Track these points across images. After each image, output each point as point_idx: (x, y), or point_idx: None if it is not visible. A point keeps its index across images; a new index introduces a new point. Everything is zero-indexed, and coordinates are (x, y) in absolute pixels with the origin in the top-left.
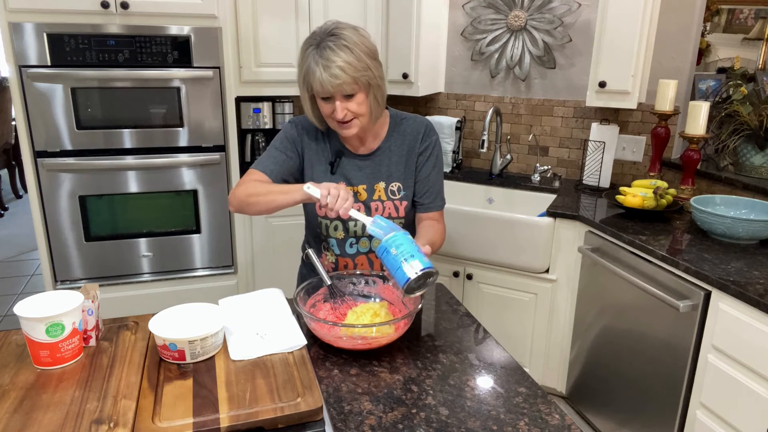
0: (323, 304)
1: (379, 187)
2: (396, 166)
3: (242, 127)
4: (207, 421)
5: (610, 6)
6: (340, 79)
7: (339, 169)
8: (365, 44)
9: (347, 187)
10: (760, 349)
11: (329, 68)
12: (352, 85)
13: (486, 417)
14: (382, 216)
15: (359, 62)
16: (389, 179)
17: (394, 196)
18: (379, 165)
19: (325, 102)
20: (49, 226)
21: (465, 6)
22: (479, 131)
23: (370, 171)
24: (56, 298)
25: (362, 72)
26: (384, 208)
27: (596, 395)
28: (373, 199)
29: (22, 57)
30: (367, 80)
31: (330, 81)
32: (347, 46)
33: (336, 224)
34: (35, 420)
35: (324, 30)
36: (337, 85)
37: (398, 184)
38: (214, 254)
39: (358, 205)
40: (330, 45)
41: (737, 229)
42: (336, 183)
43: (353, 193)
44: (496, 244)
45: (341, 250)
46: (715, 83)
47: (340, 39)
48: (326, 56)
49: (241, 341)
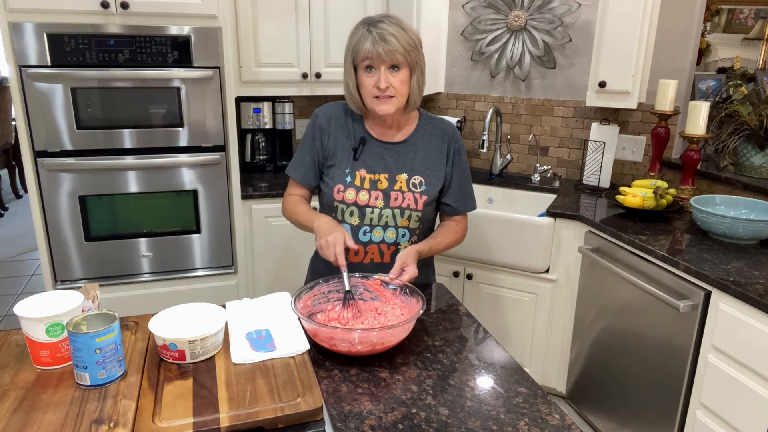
0: (328, 306)
1: (401, 178)
2: (421, 161)
3: (242, 127)
4: (207, 421)
5: (610, 6)
6: (392, 45)
7: (362, 155)
8: (415, 31)
9: (368, 175)
10: (760, 349)
11: (383, 36)
12: (401, 55)
13: (486, 417)
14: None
15: (408, 37)
16: (412, 172)
17: (416, 189)
18: (404, 156)
19: (368, 73)
20: (49, 226)
21: (465, 6)
22: (479, 131)
23: (393, 161)
24: (56, 298)
25: (412, 48)
26: (404, 198)
27: (596, 395)
28: (393, 188)
29: (22, 57)
30: (415, 58)
31: (382, 45)
32: (398, 24)
33: (352, 209)
34: (35, 420)
35: (377, 15)
36: (388, 51)
37: (420, 179)
38: (214, 254)
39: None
40: (384, 21)
41: (737, 229)
42: (334, 229)
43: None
44: (496, 244)
45: (354, 237)
46: (715, 83)
47: (392, 19)
48: (380, 27)
49: (243, 345)
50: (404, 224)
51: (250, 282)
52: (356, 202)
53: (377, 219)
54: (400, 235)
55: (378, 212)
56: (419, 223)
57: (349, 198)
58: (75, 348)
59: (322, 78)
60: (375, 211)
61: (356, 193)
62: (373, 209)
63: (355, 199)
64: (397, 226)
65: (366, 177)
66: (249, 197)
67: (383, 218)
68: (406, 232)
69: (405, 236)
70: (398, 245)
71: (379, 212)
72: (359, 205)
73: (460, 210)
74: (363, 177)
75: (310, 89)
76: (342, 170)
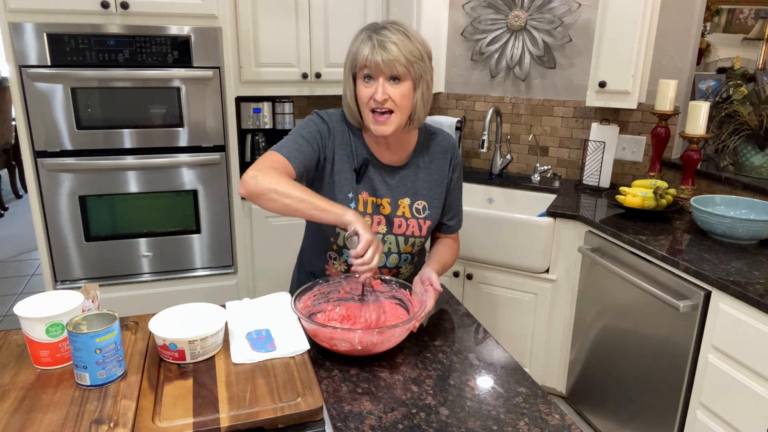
0: (329, 306)
1: (403, 203)
2: (422, 183)
3: (242, 127)
4: (207, 421)
5: (610, 6)
6: (392, 54)
7: (364, 178)
8: (423, 41)
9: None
10: (760, 349)
11: (383, 43)
12: (402, 66)
13: (486, 417)
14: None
15: (413, 47)
16: (415, 196)
17: (419, 215)
18: (406, 180)
19: (366, 83)
20: (49, 226)
21: (465, 6)
22: (479, 131)
23: (395, 185)
24: (56, 298)
25: (416, 59)
26: (408, 225)
27: (596, 395)
28: (396, 214)
29: (22, 57)
30: (419, 71)
31: (381, 54)
32: (405, 33)
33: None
34: (35, 420)
35: (383, 21)
36: (388, 60)
37: (424, 203)
38: (214, 254)
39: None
40: (388, 27)
41: (737, 229)
42: (367, 227)
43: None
44: (496, 244)
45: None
46: (715, 83)
47: (398, 26)
48: (382, 34)
49: (243, 345)
50: (407, 250)
51: (250, 282)
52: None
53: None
54: (402, 260)
55: (380, 238)
56: (421, 246)
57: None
58: (75, 348)
59: (322, 78)
60: (378, 237)
61: None
62: (376, 235)
63: None
64: (400, 252)
65: (369, 200)
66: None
67: (386, 244)
68: (408, 257)
69: (407, 260)
70: (399, 269)
71: (382, 238)
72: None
73: (456, 229)
74: (366, 200)
75: (310, 89)
76: (344, 194)
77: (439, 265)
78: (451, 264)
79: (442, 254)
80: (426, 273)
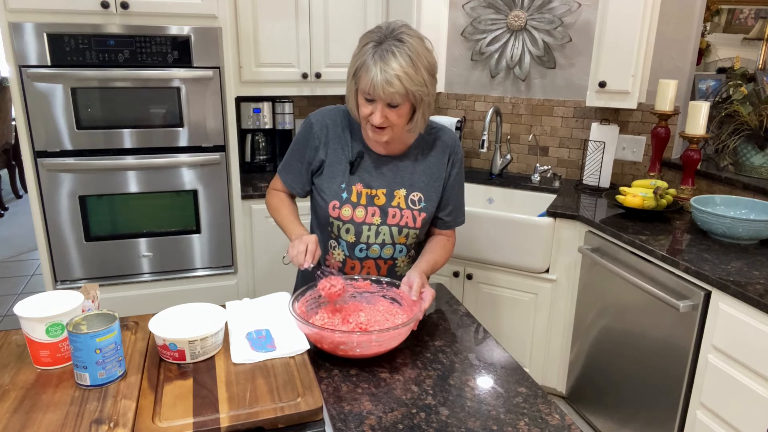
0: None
1: (399, 194)
2: (420, 176)
3: (242, 127)
4: (207, 421)
5: (610, 6)
6: (395, 88)
7: (359, 170)
8: (428, 59)
9: (366, 189)
10: (760, 349)
11: (386, 72)
12: (403, 96)
13: (486, 417)
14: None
15: (417, 76)
16: (411, 188)
17: (414, 206)
18: (402, 171)
19: (367, 102)
20: (49, 226)
21: (465, 6)
22: (479, 131)
23: (391, 175)
24: (56, 298)
25: (418, 87)
26: (402, 216)
27: (596, 395)
28: (391, 205)
29: (22, 57)
30: (420, 96)
31: (383, 87)
32: (410, 57)
33: (348, 227)
34: (35, 420)
35: (390, 29)
36: (390, 93)
37: (420, 195)
38: (214, 254)
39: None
40: (393, 49)
41: (737, 229)
42: (306, 239)
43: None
44: (496, 244)
45: (350, 253)
46: (715, 83)
47: (404, 45)
48: (386, 59)
49: (243, 345)
50: (402, 241)
51: (250, 282)
52: (352, 219)
53: (374, 236)
54: (397, 251)
55: (375, 229)
56: (416, 238)
57: (345, 215)
58: (75, 348)
59: (322, 78)
60: (372, 228)
61: (352, 210)
62: (370, 226)
63: (351, 216)
64: (394, 243)
65: (363, 192)
66: (249, 197)
67: (380, 235)
68: (404, 248)
69: (402, 252)
70: (395, 260)
71: (376, 229)
72: (355, 222)
73: (452, 225)
74: (359, 192)
75: (310, 89)
76: (337, 185)
77: (428, 265)
78: (443, 263)
79: (432, 253)
80: (411, 277)
